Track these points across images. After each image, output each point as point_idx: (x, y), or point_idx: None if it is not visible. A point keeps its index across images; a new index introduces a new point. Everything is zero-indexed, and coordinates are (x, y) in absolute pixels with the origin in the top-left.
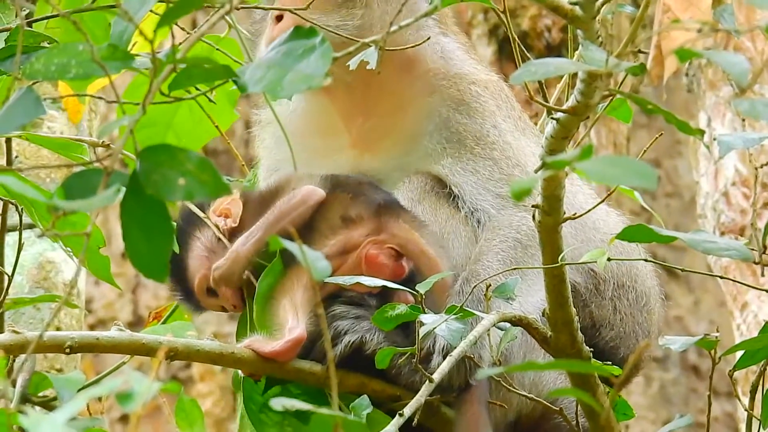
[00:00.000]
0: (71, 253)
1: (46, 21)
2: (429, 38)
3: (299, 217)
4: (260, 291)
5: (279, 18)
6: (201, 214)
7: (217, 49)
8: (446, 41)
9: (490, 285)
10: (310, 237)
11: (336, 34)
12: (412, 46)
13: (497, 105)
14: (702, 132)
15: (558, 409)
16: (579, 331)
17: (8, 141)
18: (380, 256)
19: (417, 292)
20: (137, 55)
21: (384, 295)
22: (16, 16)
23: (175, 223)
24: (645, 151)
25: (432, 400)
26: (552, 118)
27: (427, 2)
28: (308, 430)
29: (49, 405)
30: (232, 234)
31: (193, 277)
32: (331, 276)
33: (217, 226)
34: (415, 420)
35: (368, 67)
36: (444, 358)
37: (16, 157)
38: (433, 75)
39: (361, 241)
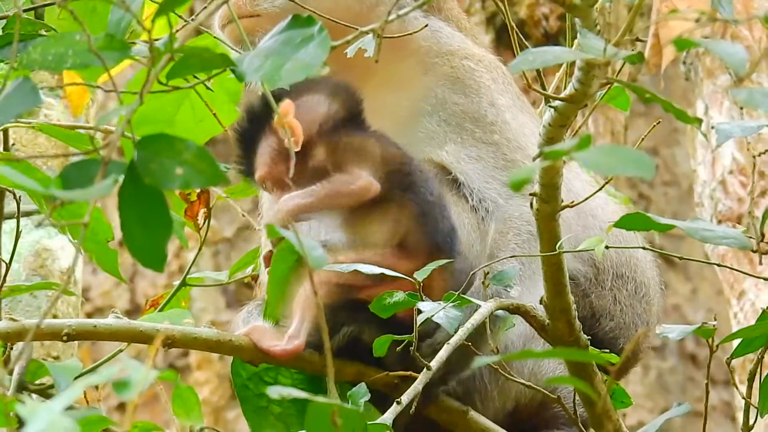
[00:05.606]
0: (78, 245)
1: (59, 11)
2: (427, 25)
3: (347, 204)
4: (274, 276)
5: None
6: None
7: (215, 38)
8: (431, 21)
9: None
10: (360, 226)
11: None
12: (409, 33)
13: (492, 78)
14: (699, 120)
15: (557, 397)
16: (577, 320)
17: (5, 129)
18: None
19: (415, 279)
20: (134, 43)
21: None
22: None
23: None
24: (642, 139)
25: (431, 387)
26: (550, 106)
27: None
28: (302, 419)
29: (46, 393)
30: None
31: (256, 166)
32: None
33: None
34: (413, 408)
35: (366, 55)
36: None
37: (13, 144)
38: (425, 53)
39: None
